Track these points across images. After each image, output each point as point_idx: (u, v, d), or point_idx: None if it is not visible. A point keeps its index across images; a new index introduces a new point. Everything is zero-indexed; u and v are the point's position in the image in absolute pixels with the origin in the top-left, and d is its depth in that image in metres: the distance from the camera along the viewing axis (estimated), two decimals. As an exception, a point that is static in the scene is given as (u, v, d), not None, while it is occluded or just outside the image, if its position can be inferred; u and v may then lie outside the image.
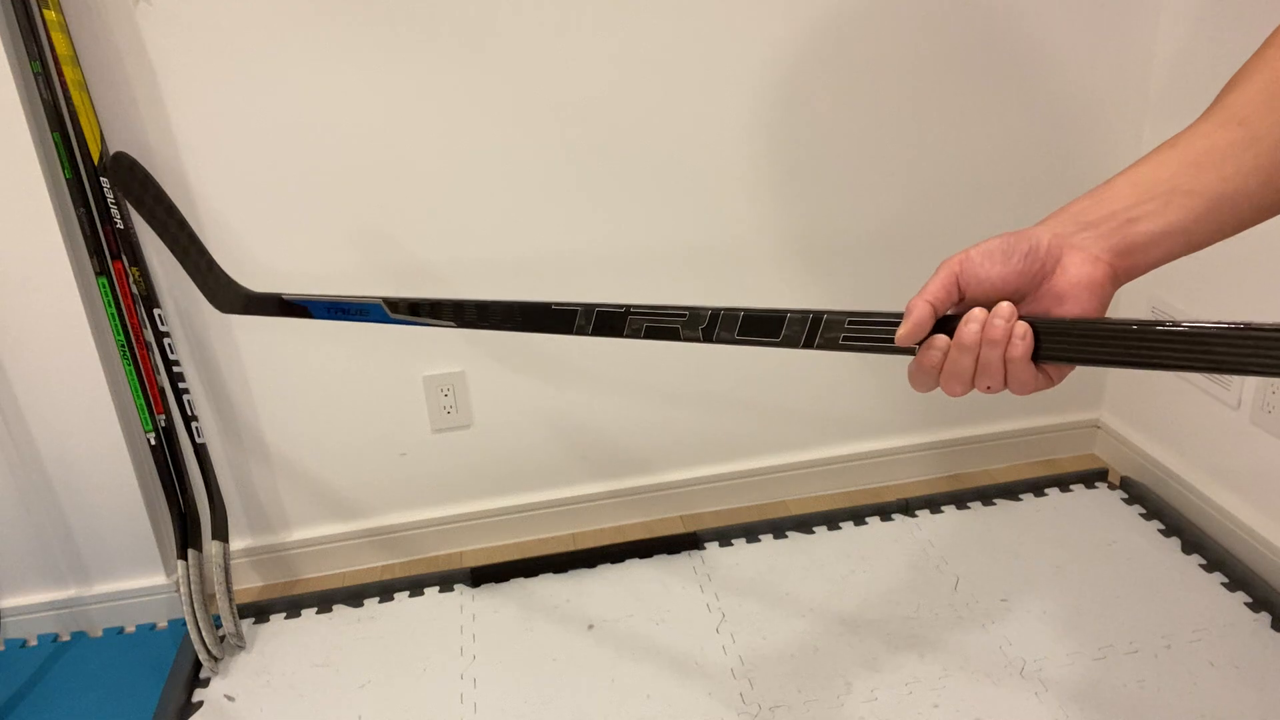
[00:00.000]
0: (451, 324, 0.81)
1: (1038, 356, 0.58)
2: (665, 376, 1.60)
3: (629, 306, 0.72)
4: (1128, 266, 0.58)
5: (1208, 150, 0.58)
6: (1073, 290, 0.58)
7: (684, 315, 0.70)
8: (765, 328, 0.68)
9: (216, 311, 1.40)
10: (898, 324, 0.61)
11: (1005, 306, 0.58)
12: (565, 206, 1.44)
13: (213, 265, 0.99)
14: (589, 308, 0.74)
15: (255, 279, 1.40)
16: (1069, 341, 0.57)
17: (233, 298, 0.97)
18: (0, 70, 1.18)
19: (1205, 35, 1.42)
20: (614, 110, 1.39)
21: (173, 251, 0.99)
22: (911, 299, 0.61)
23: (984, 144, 1.53)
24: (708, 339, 0.70)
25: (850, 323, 0.64)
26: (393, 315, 0.83)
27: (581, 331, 0.74)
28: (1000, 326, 0.58)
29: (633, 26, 1.35)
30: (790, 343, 0.67)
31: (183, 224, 0.99)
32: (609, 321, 0.73)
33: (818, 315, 0.65)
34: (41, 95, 1.20)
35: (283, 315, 0.91)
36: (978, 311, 0.59)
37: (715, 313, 0.69)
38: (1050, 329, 0.58)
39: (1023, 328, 0.57)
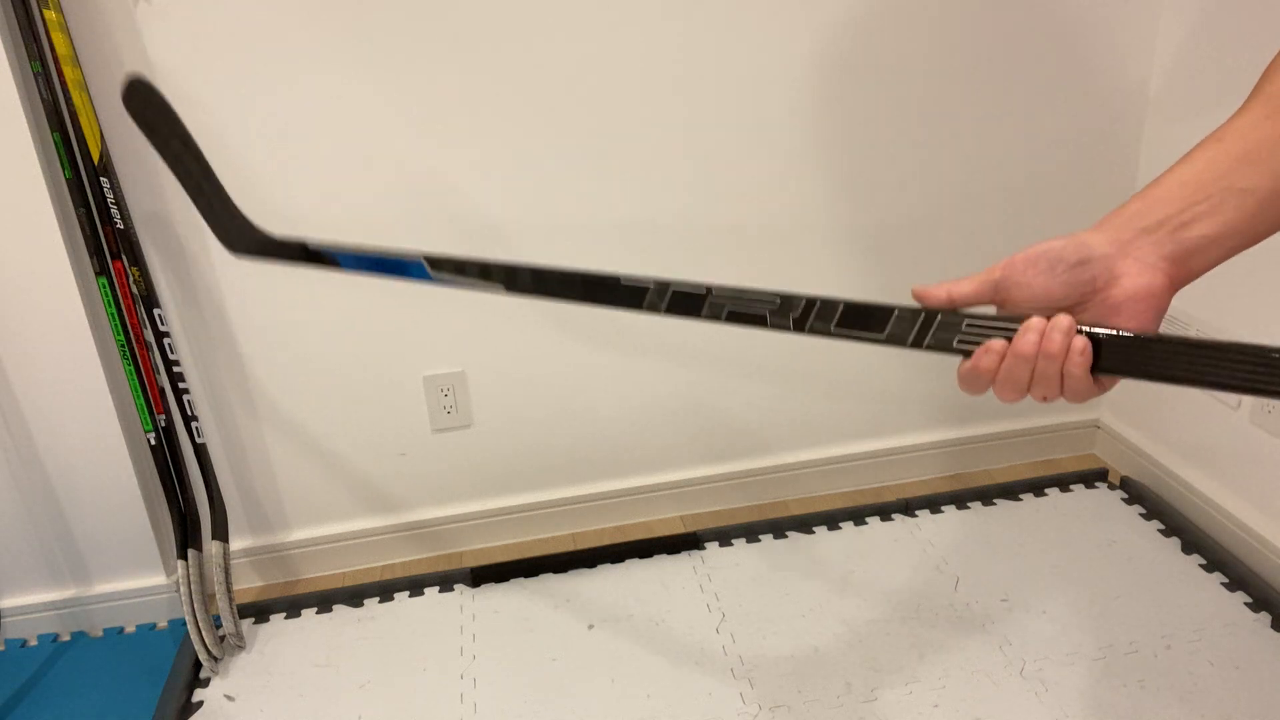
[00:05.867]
0: (500, 288, 0.74)
1: (1095, 370, 0.56)
2: (665, 376, 1.60)
3: (709, 287, 0.66)
4: (1184, 273, 0.57)
5: (1257, 144, 0.57)
6: (1129, 302, 0.56)
7: (774, 301, 0.64)
8: (867, 322, 0.63)
9: (216, 312, 1.41)
10: (1015, 328, 0.58)
11: (1064, 319, 0.57)
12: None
13: (229, 204, 0.90)
14: (662, 284, 0.67)
15: (243, 272, 1.41)
16: (1130, 357, 0.56)
17: (250, 241, 0.89)
18: (0, 70, 1.18)
19: (1206, 35, 1.42)
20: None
21: (184, 186, 0.90)
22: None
23: (984, 144, 1.53)
24: (799, 329, 0.64)
25: (968, 325, 0.60)
26: (434, 273, 0.76)
27: (652, 309, 0.68)
28: (1058, 340, 0.56)
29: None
30: (896, 340, 0.62)
31: (198, 157, 0.90)
32: (685, 301, 0.67)
33: (930, 313, 0.61)
34: (41, 95, 1.20)
35: (305, 263, 0.84)
36: (1035, 321, 0.57)
37: (810, 301, 0.64)
38: (1111, 344, 0.56)
39: (1081, 342, 0.56)
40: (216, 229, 0.90)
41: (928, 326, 0.61)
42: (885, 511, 1.66)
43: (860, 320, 0.63)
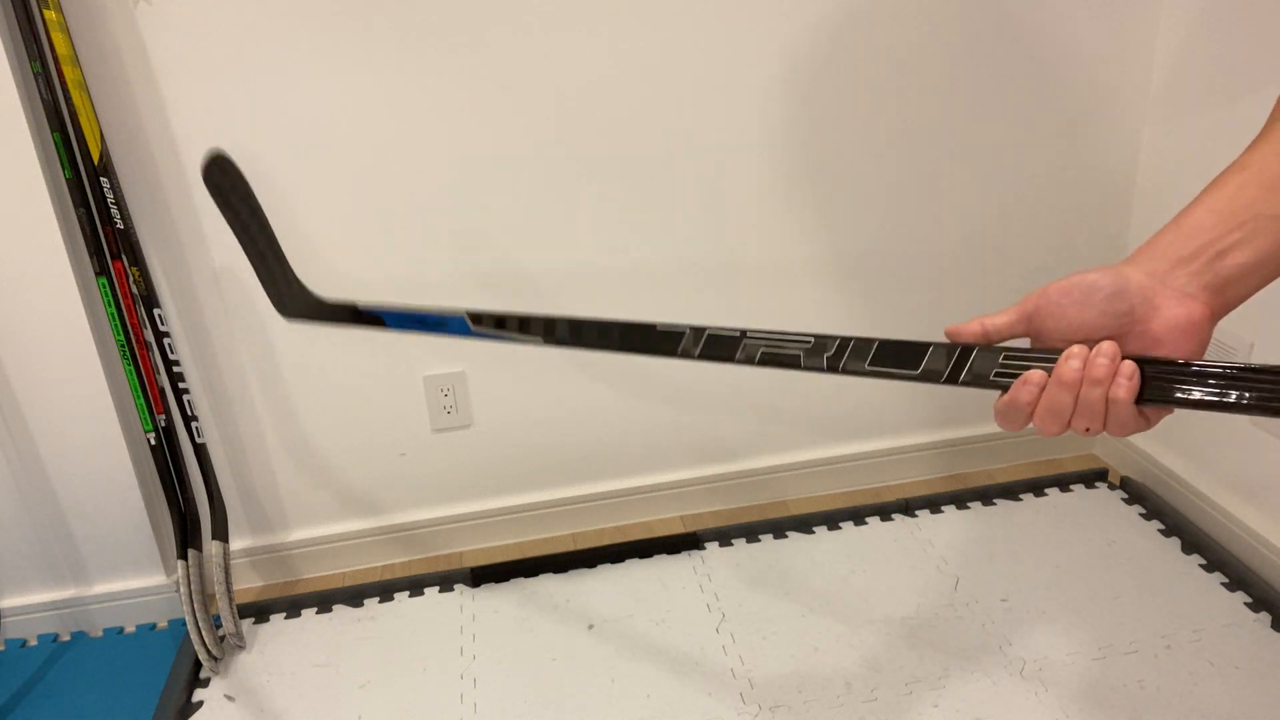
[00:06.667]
0: (539, 341, 0.77)
1: (1142, 398, 0.55)
2: (665, 376, 1.60)
3: (744, 330, 0.68)
4: (1224, 302, 0.56)
5: None
6: (1170, 334, 0.56)
7: (807, 342, 0.65)
8: (902, 359, 0.63)
9: (216, 312, 1.41)
10: (1053, 360, 0.57)
11: (1109, 345, 0.56)
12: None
13: (288, 271, 0.94)
14: (698, 330, 0.69)
15: (243, 272, 1.41)
16: (1181, 384, 0.54)
17: (303, 305, 0.92)
18: (0, 70, 1.18)
19: (1205, 35, 1.42)
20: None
21: (248, 254, 0.94)
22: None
23: (981, 148, 1.53)
24: (833, 369, 0.65)
25: (1006, 358, 0.59)
26: (475, 329, 0.79)
27: (686, 355, 0.70)
28: (1104, 365, 0.55)
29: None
30: (931, 377, 0.62)
31: (265, 226, 0.95)
32: (720, 346, 0.69)
33: (966, 349, 0.61)
34: (41, 95, 1.20)
35: (354, 324, 0.88)
36: (1078, 348, 0.56)
37: (845, 341, 0.64)
38: (1159, 371, 0.54)
39: (1129, 367, 0.55)
40: (272, 295, 0.93)
41: (963, 362, 0.61)
42: (885, 511, 1.66)
43: (894, 358, 0.63)
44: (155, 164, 1.31)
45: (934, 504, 1.67)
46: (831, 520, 1.65)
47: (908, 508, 1.67)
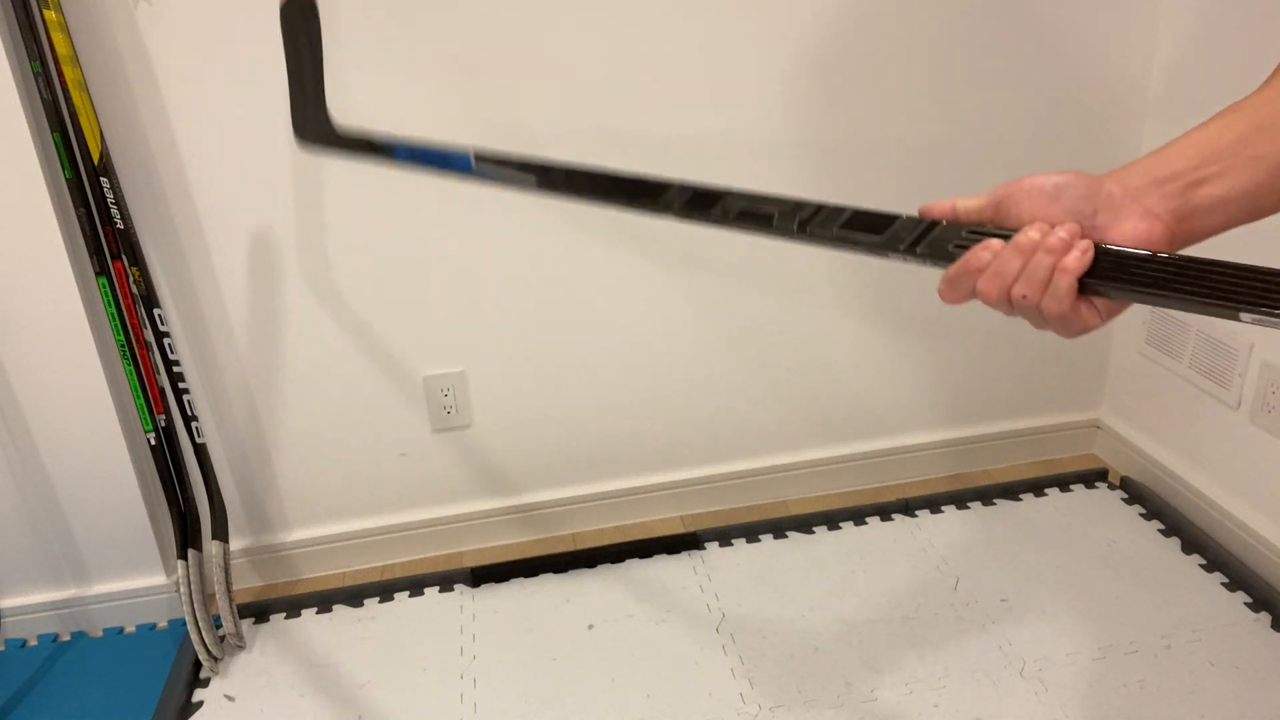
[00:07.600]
0: (533, 183, 0.76)
1: (1091, 277, 0.56)
2: (664, 376, 1.60)
3: (729, 189, 0.68)
4: (1187, 230, 0.57)
5: (1273, 115, 0.57)
6: (1124, 244, 0.56)
7: (785, 204, 0.66)
8: (870, 227, 0.63)
9: (216, 311, 1.41)
10: (1008, 235, 0.58)
11: (1072, 224, 0.57)
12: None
13: (320, 101, 0.95)
14: (685, 185, 0.69)
15: (243, 272, 1.41)
16: (1130, 271, 0.55)
17: (320, 132, 0.93)
18: (0, 70, 1.18)
19: (1205, 35, 1.42)
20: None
21: (290, 74, 0.95)
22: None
23: (982, 146, 1.53)
24: (802, 232, 0.65)
25: (969, 233, 0.60)
26: (476, 166, 0.78)
27: (667, 208, 0.69)
28: (1062, 238, 0.56)
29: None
30: (893, 243, 0.62)
31: (317, 61, 0.95)
32: (702, 202, 0.68)
33: (933, 223, 0.61)
34: (41, 95, 1.20)
35: (366, 155, 0.88)
36: (1041, 223, 0.58)
37: (820, 207, 0.65)
38: (1113, 256, 0.55)
39: (1085, 243, 0.56)
40: (296, 118, 0.94)
41: (927, 233, 0.61)
42: (885, 511, 1.66)
43: (863, 225, 0.63)
44: (155, 164, 1.31)
45: (934, 504, 1.67)
46: (831, 520, 1.65)
47: (908, 508, 1.67)
